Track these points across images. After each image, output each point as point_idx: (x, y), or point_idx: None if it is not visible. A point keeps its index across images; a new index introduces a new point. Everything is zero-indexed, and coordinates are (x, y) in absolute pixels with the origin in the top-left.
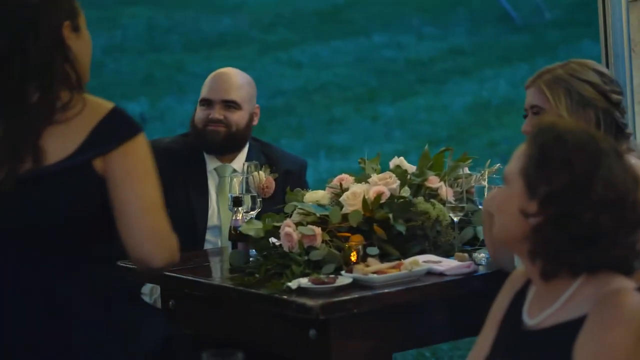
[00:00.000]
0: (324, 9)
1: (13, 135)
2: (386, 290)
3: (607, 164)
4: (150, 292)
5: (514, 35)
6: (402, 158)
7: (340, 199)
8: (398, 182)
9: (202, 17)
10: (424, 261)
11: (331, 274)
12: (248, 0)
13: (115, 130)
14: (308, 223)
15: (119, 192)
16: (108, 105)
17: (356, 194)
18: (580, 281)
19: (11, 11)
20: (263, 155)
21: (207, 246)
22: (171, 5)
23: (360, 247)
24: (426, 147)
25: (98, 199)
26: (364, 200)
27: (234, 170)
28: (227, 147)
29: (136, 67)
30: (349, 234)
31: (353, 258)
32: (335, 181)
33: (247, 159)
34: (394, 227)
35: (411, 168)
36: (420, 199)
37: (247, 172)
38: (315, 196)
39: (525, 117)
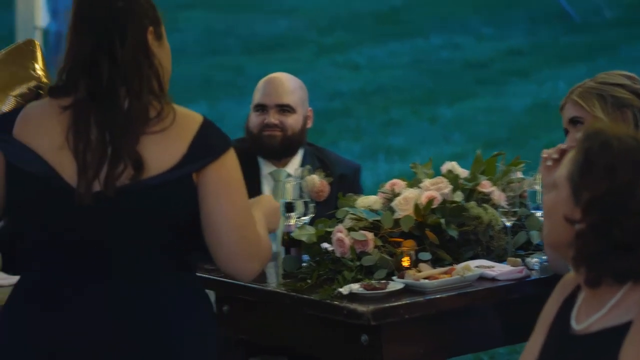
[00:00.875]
0: (381, 10)
1: (112, 140)
2: (438, 296)
3: None
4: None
5: (573, 34)
6: (454, 163)
7: (392, 204)
8: (450, 187)
9: (259, 20)
10: (476, 266)
11: (383, 279)
12: (304, 3)
13: (211, 143)
14: (360, 228)
15: (211, 205)
16: (198, 116)
17: (408, 199)
18: (627, 288)
19: (97, 15)
20: (317, 160)
21: None
22: (229, 8)
23: (412, 252)
24: (479, 151)
25: (194, 210)
26: (416, 206)
27: (289, 175)
28: (283, 152)
29: (194, 70)
30: (401, 239)
31: (405, 263)
32: (388, 186)
33: (302, 163)
34: (446, 232)
35: (464, 173)
36: (473, 203)
37: (301, 177)
38: (367, 201)
39: (566, 135)
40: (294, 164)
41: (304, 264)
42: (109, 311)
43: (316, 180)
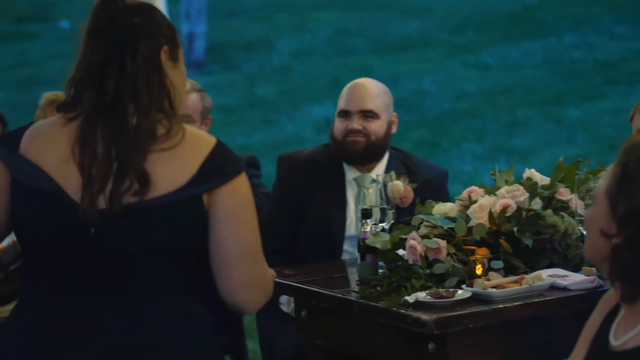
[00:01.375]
0: (515, 9)
1: (118, 155)
2: (503, 305)
3: None
4: (287, 302)
5: None
6: (533, 170)
7: (468, 212)
8: (526, 194)
9: (391, 20)
10: (550, 275)
11: (453, 287)
12: (437, 3)
13: (223, 165)
14: (435, 236)
15: (221, 231)
16: (212, 138)
17: (483, 206)
18: None
19: (112, 28)
20: (403, 165)
21: (344, 256)
22: (360, 9)
23: (485, 260)
24: (561, 158)
25: (203, 232)
26: (490, 213)
27: (373, 180)
28: (366, 157)
29: (323, 70)
30: (474, 247)
31: (478, 271)
32: (465, 194)
33: (387, 168)
34: (521, 241)
35: (544, 180)
36: (549, 211)
37: (384, 183)
38: (444, 208)
39: None
40: (379, 169)
41: (381, 271)
42: (112, 332)
43: (400, 186)
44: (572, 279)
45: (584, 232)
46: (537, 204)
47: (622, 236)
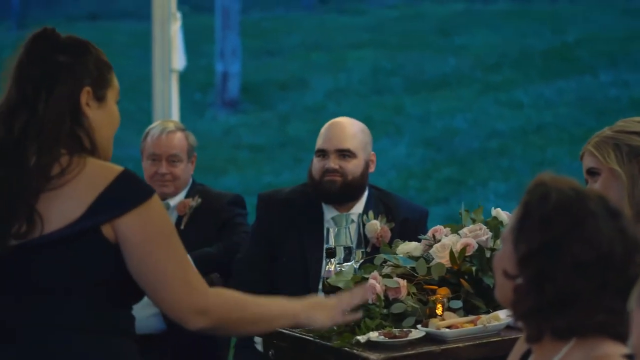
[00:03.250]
0: (552, 47)
1: (8, 197)
2: (455, 345)
3: (591, 225)
4: (261, 342)
5: None
6: (499, 209)
7: (430, 251)
8: (490, 234)
9: (427, 59)
10: (509, 315)
11: (411, 327)
12: (474, 40)
13: (125, 194)
14: (397, 275)
15: (135, 261)
16: (117, 168)
17: (445, 245)
18: (571, 345)
19: (34, 65)
20: (382, 204)
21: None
22: (397, 48)
23: (445, 300)
24: None
25: (110, 266)
26: (451, 252)
27: (352, 220)
28: (343, 197)
29: (357, 109)
30: (436, 287)
31: (439, 311)
32: (430, 233)
33: (366, 207)
34: (482, 280)
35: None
36: None
37: (355, 222)
38: (408, 247)
39: (586, 184)
40: (358, 209)
41: None
42: None
43: (376, 225)
44: None
45: None
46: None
47: (523, 276)
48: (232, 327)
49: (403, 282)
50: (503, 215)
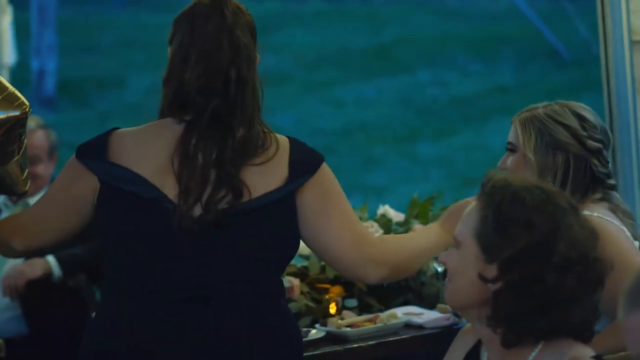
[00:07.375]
0: (371, 47)
1: (218, 167)
2: (357, 345)
3: (566, 222)
4: None
5: (562, 71)
6: (387, 206)
7: None
8: (380, 231)
9: None
10: (405, 313)
11: (307, 327)
12: (293, 39)
13: (305, 160)
14: (288, 274)
15: (321, 219)
16: (283, 136)
17: None
18: (540, 348)
19: (237, 36)
20: None
21: None
22: None
23: (339, 298)
24: (415, 195)
25: (294, 233)
26: None
27: None
28: None
29: None
30: (328, 286)
31: (332, 310)
32: None
33: None
34: None
35: (398, 216)
36: None
37: None
38: None
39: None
40: None
41: None
42: (206, 338)
43: None
44: (427, 317)
45: (439, 270)
46: None
47: (505, 280)
48: (404, 269)
49: (296, 281)
50: (392, 212)
